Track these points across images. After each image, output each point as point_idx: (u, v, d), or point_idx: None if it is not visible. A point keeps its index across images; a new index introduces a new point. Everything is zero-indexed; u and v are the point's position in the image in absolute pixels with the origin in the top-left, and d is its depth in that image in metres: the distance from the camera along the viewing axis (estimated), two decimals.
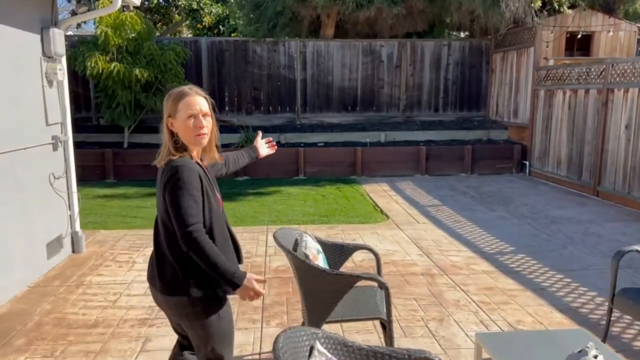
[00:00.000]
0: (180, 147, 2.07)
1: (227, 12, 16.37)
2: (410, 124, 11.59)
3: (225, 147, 10.04)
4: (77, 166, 9.65)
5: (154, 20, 20.49)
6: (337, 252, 3.21)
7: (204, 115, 2.06)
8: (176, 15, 20.03)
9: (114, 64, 8.99)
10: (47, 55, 4.65)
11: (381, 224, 6.51)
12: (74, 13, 17.93)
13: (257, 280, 2.05)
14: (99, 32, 8.74)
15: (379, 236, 5.92)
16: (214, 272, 1.96)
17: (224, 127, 11.16)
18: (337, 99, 11.75)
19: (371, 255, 3.41)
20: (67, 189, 5.10)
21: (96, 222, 6.53)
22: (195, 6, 16.08)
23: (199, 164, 2.11)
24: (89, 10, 4.98)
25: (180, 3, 16.17)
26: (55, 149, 4.82)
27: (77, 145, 10.40)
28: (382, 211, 7.18)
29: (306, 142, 10.67)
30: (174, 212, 1.96)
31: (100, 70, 8.90)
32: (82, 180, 9.40)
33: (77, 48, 9.44)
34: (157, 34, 10.52)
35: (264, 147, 2.98)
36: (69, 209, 5.13)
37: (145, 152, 9.81)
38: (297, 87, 11.63)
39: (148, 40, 9.53)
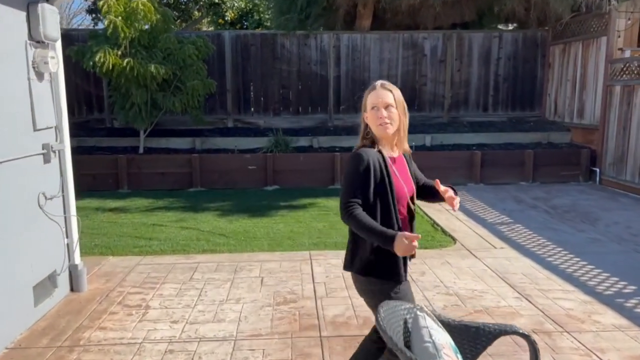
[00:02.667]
0: (369, 137, 2.29)
1: (251, 6, 15.28)
2: (457, 125, 10.34)
3: (251, 151, 8.94)
4: (87, 174, 8.70)
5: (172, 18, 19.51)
6: (468, 338, 2.01)
7: (387, 106, 2.22)
8: (196, 12, 19.03)
9: (126, 59, 7.93)
10: (36, 40, 3.55)
11: (449, 250, 5.30)
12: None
13: (408, 237, 2.05)
14: (107, 23, 7.67)
15: (453, 268, 4.72)
16: (369, 236, 2.15)
17: (249, 130, 10.07)
18: None
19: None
20: (64, 212, 4.01)
21: (104, 245, 5.44)
22: (216, 0, 15.01)
23: (381, 152, 2.27)
24: None
25: None
26: (46, 161, 3.73)
27: (88, 150, 9.42)
28: (444, 231, 5.97)
29: (341, 146, 9.49)
30: (341, 190, 2.28)
31: (111, 66, 7.84)
32: (92, 190, 8.43)
33: (88, 42, 8.40)
34: (175, 28, 9.43)
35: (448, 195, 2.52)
36: (66, 237, 4.03)
37: (163, 158, 8.75)
38: (330, 85, 10.46)
39: (165, 32, 8.45)
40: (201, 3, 15.46)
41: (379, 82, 2.28)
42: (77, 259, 4.13)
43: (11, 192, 3.30)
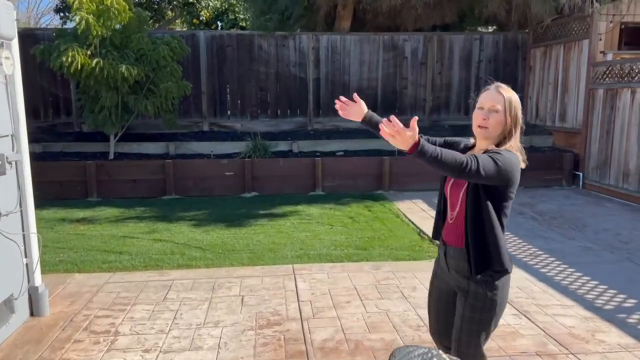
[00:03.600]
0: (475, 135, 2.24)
1: (227, 6, 14.91)
2: (438, 128, 10.16)
3: (228, 157, 8.59)
4: (54, 182, 8.20)
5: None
6: None
7: (491, 110, 2.14)
8: (169, 12, 18.54)
9: (96, 59, 7.49)
10: None
11: None
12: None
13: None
14: (77, 20, 7.23)
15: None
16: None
17: (226, 134, 9.71)
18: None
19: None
20: (22, 229, 3.62)
21: (70, 261, 5.03)
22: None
23: (467, 147, 2.31)
24: None
25: None
26: (1, 173, 3.34)
27: (54, 156, 8.90)
28: (432, 241, 5.73)
29: (322, 150, 9.22)
30: None
31: (80, 67, 7.40)
32: (59, 199, 7.95)
33: (54, 42, 7.93)
34: (148, 29, 9.01)
35: None
36: (25, 256, 3.64)
37: (135, 164, 8.32)
38: (309, 88, 10.18)
39: (138, 32, 8.04)
40: (175, 3, 15.01)
41: (495, 84, 2.22)
42: (38, 279, 3.74)
43: None
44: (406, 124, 1.99)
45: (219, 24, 15.43)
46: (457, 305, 2.24)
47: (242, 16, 14.79)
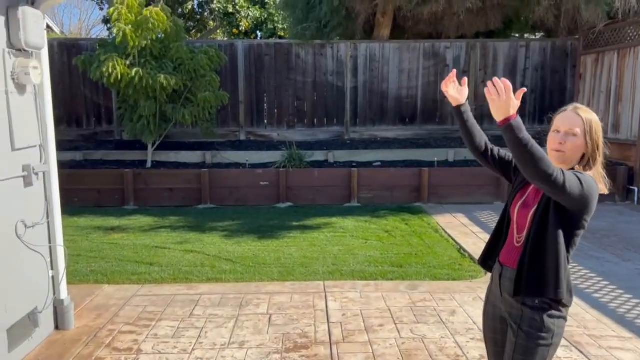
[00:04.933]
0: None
1: (266, 15, 14.95)
2: None
3: (263, 166, 8.49)
4: (92, 189, 8.31)
5: (187, 28, 19.38)
6: None
7: (569, 133, 1.98)
8: (211, 22, 18.82)
9: (135, 69, 7.55)
10: (16, 48, 3.14)
11: (480, 282, 4.74)
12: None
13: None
14: (115, 31, 7.31)
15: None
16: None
17: (262, 143, 9.64)
18: (393, 110, 10.06)
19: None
20: (49, 241, 3.57)
21: (101, 271, 4.99)
22: (230, 9, 14.71)
23: None
24: None
25: (214, 6, 14.84)
26: (27, 184, 3.30)
27: (94, 164, 9.05)
28: (472, 259, 5.41)
29: (359, 160, 9.00)
30: None
31: (119, 77, 7.47)
32: (97, 206, 8.04)
33: (95, 51, 8.07)
34: (187, 38, 9.08)
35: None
36: (51, 268, 3.59)
37: (171, 173, 8.34)
38: (347, 97, 10.00)
39: (176, 41, 8.08)
40: (216, 13, 15.16)
41: (572, 105, 2.06)
42: (64, 292, 3.68)
43: None
44: (447, 132, 1.77)
45: (259, 33, 15.49)
46: (508, 333, 2.03)
47: (280, 26, 14.79)
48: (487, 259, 2.22)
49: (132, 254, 5.57)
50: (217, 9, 14.71)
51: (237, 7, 14.80)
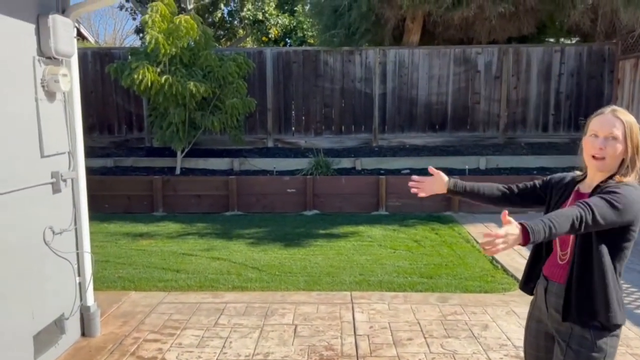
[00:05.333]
0: (584, 165, 1.98)
1: (295, 23, 15.00)
2: (514, 146, 9.52)
3: (290, 173, 8.45)
4: (122, 195, 8.41)
5: (217, 36, 19.63)
6: None
7: (609, 137, 1.84)
8: (240, 30, 19.02)
9: (165, 76, 7.64)
10: (46, 55, 3.16)
11: (514, 295, 4.55)
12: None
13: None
14: (148, 38, 7.40)
15: (521, 319, 3.98)
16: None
17: (289, 150, 9.61)
18: (422, 117, 9.89)
19: None
20: (76, 247, 3.58)
21: (128, 278, 5.01)
22: (260, 17, 14.82)
23: (576, 182, 2.02)
24: None
25: (244, 15, 14.97)
26: (56, 190, 3.32)
27: (125, 170, 9.19)
28: (506, 270, 5.22)
29: (387, 168, 8.88)
30: None
31: (150, 84, 7.56)
32: (127, 212, 8.13)
33: (127, 60, 8.20)
34: (215, 46, 9.15)
35: None
36: (78, 275, 3.59)
37: (200, 180, 8.37)
38: (375, 103, 9.89)
39: (205, 49, 8.14)
40: (245, 21, 15.30)
41: (609, 108, 1.92)
42: (90, 299, 3.69)
43: (11, 228, 2.88)
44: (478, 139, 1.70)
45: (288, 41, 15.55)
46: (555, 352, 1.92)
47: (310, 33, 14.81)
48: (529, 281, 2.11)
49: (159, 260, 5.58)
50: (247, 17, 14.84)
51: (267, 14, 14.90)
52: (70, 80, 3.31)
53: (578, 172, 2.08)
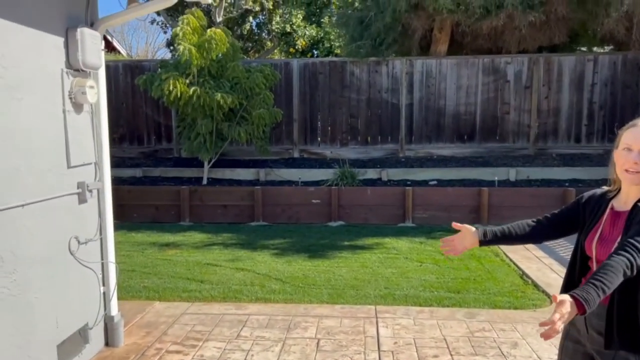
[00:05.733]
0: (616, 179, 1.92)
1: (322, 34, 15.06)
2: (544, 157, 9.28)
3: (316, 184, 8.42)
4: (150, 205, 8.53)
5: (246, 48, 19.90)
6: None
7: None
8: (268, 42, 19.22)
9: (193, 88, 7.74)
10: (74, 68, 3.22)
11: (545, 311, 4.39)
12: None
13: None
14: (181, 49, 7.50)
15: (554, 338, 3.82)
16: None
17: (315, 161, 9.60)
18: (450, 127, 9.75)
19: None
20: (101, 257, 3.61)
21: (153, 288, 5.04)
22: (288, 29, 14.94)
23: (608, 199, 1.94)
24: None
25: (272, 27, 15.13)
26: (82, 201, 3.36)
27: (153, 180, 9.31)
28: (537, 286, 5.05)
29: (413, 179, 8.76)
30: None
31: (179, 95, 7.67)
32: (154, 222, 8.23)
33: (156, 72, 8.35)
34: (242, 57, 9.24)
35: None
36: (103, 284, 3.62)
37: (226, 190, 8.43)
38: (402, 114, 9.80)
39: (233, 61, 8.22)
40: (273, 33, 15.45)
41: None
42: (114, 309, 3.71)
43: (37, 237, 2.92)
44: (507, 150, 1.64)
45: (315, 52, 15.62)
46: None
47: (336, 44, 14.86)
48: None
49: (184, 270, 5.60)
50: (274, 29, 14.98)
51: (294, 26, 15.02)
52: (97, 92, 3.36)
53: (606, 187, 2.00)
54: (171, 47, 18.19)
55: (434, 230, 7.49)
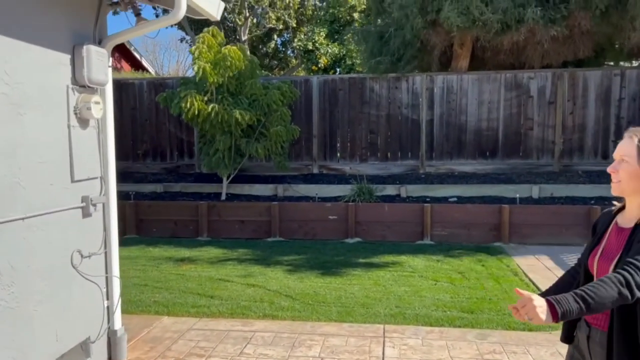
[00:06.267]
0: None
1: (345, 52, 15.14)
2: (570, 174, 9.01)
3: (334, 200, 8.37)
4: (169, 220, 8.62)
5: (271, 66, 20.17)
6: None
7: (619, 160, 1.81)
8: (293, 60, 19.45)
9: (211, 105, 7.84)
10: (79, 84, 3.29)
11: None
12: None
13: None
14: (196, 68, 7.65)
15: None
16: None
17: (334, 177, 9.56)
18: (471, 143, 9.59)
19: None
20: (106, 271, 3.63)
21: (163, 302, 5.05)
22: (310, 47, 15.08)
23: (614, 215, 1.91)
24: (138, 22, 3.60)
25: (295, 45, 15.30)
26: (86, 215, 3.39)
27: (173, 196, 9.44)
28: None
29: (433, 196, 8.61)
30: None
31: (197, 112, 7.78)
32: (173, 237, 8.31)
33: (176, 89, 8.50)
34: (260, 74, 9.34)
35: None
36: (107, 298, 3.64)
37: (243, 205, 8.45)
38: (422, 130, 9.70)
39: (251, 78, 8.31)
40: (296, 51, 15.62)
41: (630, 129, 1.87)
42: (118, 323, 3.72)
43: (40, 249, 2.96)
44: (531, 167, 1.63)
45: (337, 70, 15.70)
46: None
47: (358, 61, 14.91)
48: (569, 332, 1.96)
49: (195, 285, 5.61)
50: (297, 47, 15.13)
51: (317, 44, 15.14)
52: (102, 107, 3.42)
53: (617, 203, 1.95)
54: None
55: (452, 248, 7.33)
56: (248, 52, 8.35)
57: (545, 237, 7.46)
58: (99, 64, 3.35)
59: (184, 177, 10.06)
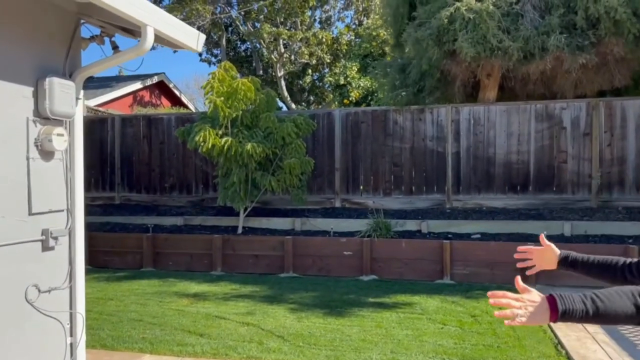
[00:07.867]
0: None
1: (376, 85, 15.05)
2: (608, 211, 8.33)
3: (350, 235, 8.09)
4: (185, 254, 8.59)
5: (308, 101, 20.36)
6: None
7: None
8: (330, 94, 19.57)
9: (224, 139, 7.85)
10: (42, 116, 3.27)
11: None
12: None
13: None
14: (207, 102, 7.73)
15: None
16: None
17: (354, 211, 9.29)
18: (500, 177, 9.10)
19: None
20: (70, 307, 3.53)
21: (150, 339, 4.90)
22: (342, 81, 15.09)
23: None
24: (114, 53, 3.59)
25: (327, 79, 15.37)
26: (46, 248, 3.32)
27: (191, 229, 9.44)
28: (569, 358, 4.33)
29: (456, 232, 8.17)
30: None
31: (211, 146, 7.81)
32: (188, 270, 8.25)
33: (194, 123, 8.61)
34: (276, 107, 9.34)
35: None
36: (70, 335, 3.52)
37: (256, 239, 8.32)
38: (448, 163, 9.31)
39: (267, 111, 8.30)
40: (327, 85, 15.69)
41: None
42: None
43: None
44: (567, 202, 1.43)
45: (371, 103, 15.61)
46: None
47: (380, 95, 14.79)
48: None
49: (189, 322, 5.44)
50: (328, 82, 15.19)
51: (349, 78, 15.14)
52: (67, 139, 3.39)
53: None
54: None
55: (472, 288, 6.85)
56: (265, 86, 8.37)
57: (576, 279, 6.79)
58: (64, 96, 3.34)
59: (206, 210, 10.08)
